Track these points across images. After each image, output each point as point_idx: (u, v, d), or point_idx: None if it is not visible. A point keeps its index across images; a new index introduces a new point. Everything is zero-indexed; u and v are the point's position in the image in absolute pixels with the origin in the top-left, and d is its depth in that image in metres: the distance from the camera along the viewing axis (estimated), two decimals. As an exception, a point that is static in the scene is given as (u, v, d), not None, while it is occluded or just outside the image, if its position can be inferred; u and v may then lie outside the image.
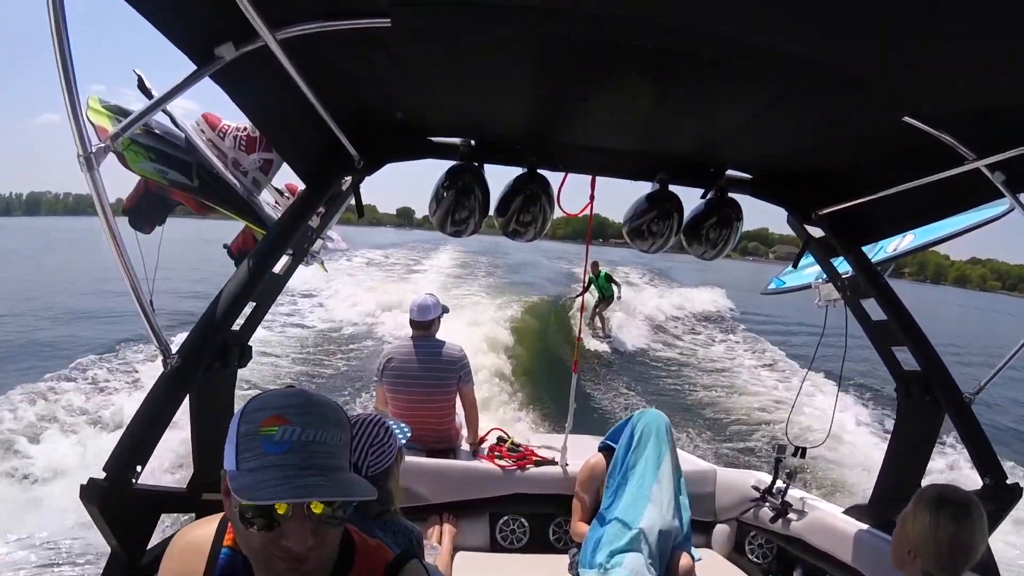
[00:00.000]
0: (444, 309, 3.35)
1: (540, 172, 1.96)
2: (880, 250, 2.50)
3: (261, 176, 2.04)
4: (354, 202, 2.09)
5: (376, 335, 10.96)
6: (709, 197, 2.05)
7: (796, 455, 2.61)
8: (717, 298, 20.06)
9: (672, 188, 2.03)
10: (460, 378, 3.18)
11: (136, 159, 1.81)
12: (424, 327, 3.22)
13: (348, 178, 1.93)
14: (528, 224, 2.01)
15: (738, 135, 1.68)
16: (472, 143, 1.92)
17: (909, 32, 1.01)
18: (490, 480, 2.78)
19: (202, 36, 1.16)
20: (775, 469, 2.67)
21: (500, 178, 2.07)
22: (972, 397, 1.97)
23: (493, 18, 1.11)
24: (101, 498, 1.28)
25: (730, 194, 2.03)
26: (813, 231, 2.19)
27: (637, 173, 2.03)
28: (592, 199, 2.23)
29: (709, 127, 1.69)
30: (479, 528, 2.76)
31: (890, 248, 2.49)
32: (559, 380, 7.65)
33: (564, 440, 2.85)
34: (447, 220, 1.97)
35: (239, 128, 1.99)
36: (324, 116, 1.49)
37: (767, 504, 2.66)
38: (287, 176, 2.06)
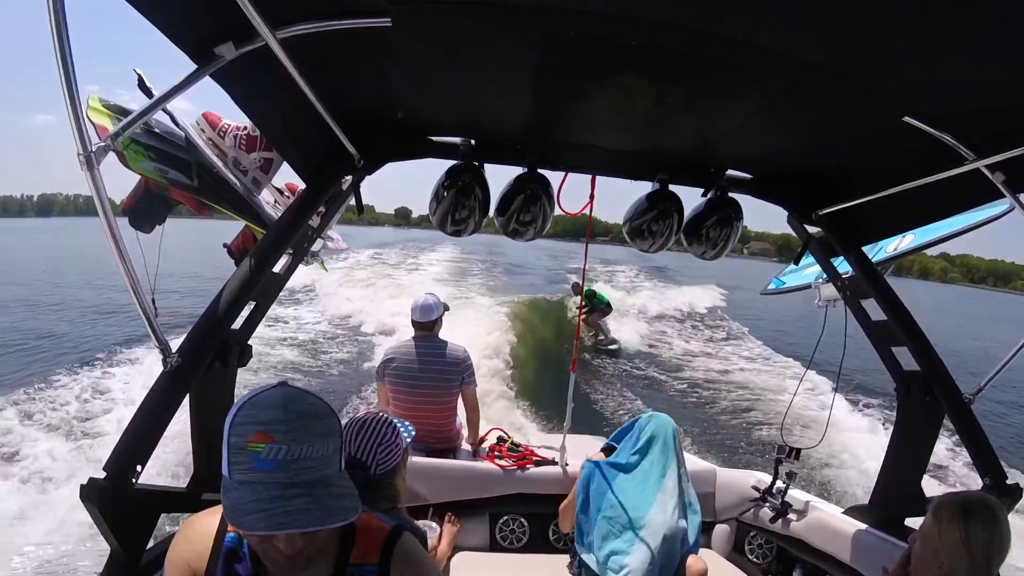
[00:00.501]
0: (444, 307, 3.35)
1: (540, 172, 1.96)
2: (880, 250, 2.50)
3: (261, 175, 2.04)
4: (354, 201, 2.09)
5: (375, 333, 10.94)
6: (709, 197, 2.05)
7: (790, 456, 2.61)
8: (715, 296, 20.07)
9: (672, 188, 2.03)
10: (463, 379, 3.18)
11: (136, 158, 1.81)
12: (427, 327, 3.21)
13: (348, 177, 1.93)
14: (528, 224, 2.01)
15: (738, 135, 1.68)
16: (472, 142, 1.92)
17: (909, 32, 1.01)
18: (490, 480, 2.78)
19: (202, 35, 1.16)
20: (775, 469, 2.67)
21: (500, 178, 2.07)
22: (972, 397, 1.97)
23: (493, 17, 1.11)
24: (101, 498, 1.28)
25: (730, 194, 2.03)
26: (813, 231, 2.20)
27: (637, 173, 2.02)
28: (592, 199, 2.23)
29: (709, 127, 1.69)
30: (479, 528, 2.76)
31: (890, 248, 2.49)
32: (558, 380, 7.64)
33: (563, 440, 2.86)
34: (447, 220, 1.97)
35: (239, 127, 1.99)
36: (324, 116, 1.49)
37: (767, 504, 2.66)
38: (287, 176, 2.05)
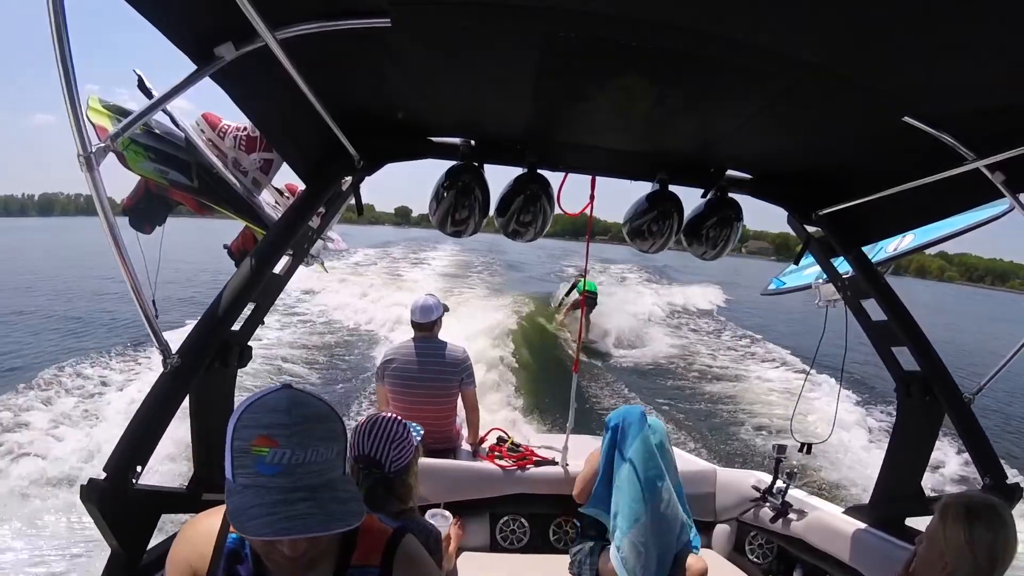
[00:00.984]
0: (444, 308, 3.35)
1: (540, 172, 1.96)
2: (880, 250, 2.50)
3: (261, 176, 2.04)
4: (354, 201, 2.09)
5: (374, 332, 10.95)
6: (709, 197, 2.05)
7: (801, 451, 2.61)
8: (715, 296, 20.05)
9: (672, 188, 2.03)
10: (462, 380, 3.18)
11: (136, 159, 1.81)
12: (426, 328, 3.21)
13: (348, 178, 1.93)
14: (528, 224, 2.00)
15: (738, 135, 1.68)
16: (472, 143, 1.92)
17: (910, 33, 1.01)
18: (490, 480, 2.78)
19: (202, 36, 1.16)
20: (775, 469, 2.68)
21: (500, 178, 2.07)
22: (972, 397, 1.97)
23: (494, 17, 1.11)
24: (101, 498, 1.28)
25: (730, 194, 2.03)
26: (813, 231, 2.19)
27: (637, 173, 2.03)
28: (592, 199, 2.23)
29: (710, 127, 1.69)
30: (479, 528, 2.76)
31: (890, 248, 2.48)
32: (560, 380, 7.64)
33: (565, 440, 2.85)
34: (447, 220, 1.97)
35: (239, 128, 1.99)
36: (324, 116, 1.48)
37: (767, 504, 2.66)
38: (287, 176, 2.05)
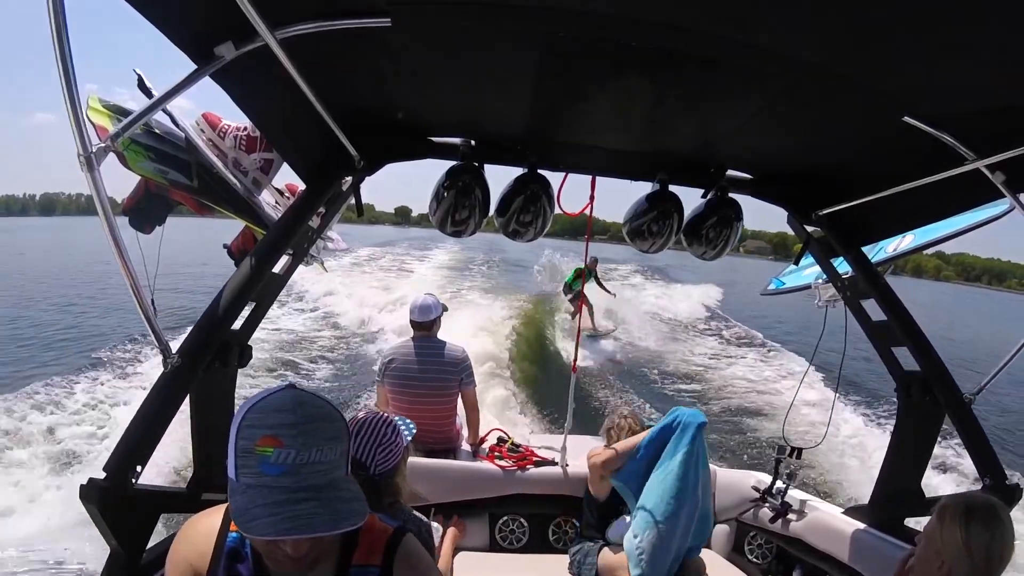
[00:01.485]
0: (443, 308, 3.35)
1: (540, 172, 1.96)
2: (880, 250, 2.50)
3: (261, 176, 2.03)
4: (354, 201, 2.09)
5: (374, 332, 10.95)
6: (709, 197, 2.05)
7: (792, 456, 2.61)
8: (713, 295, 20.05)
9: (672, 188, 2.03)
10: (462, 380, 3.18)
11: (136, 159, 1.81)
12: (425, 328, 3.21)
13: (348, 178, 1.93)
14: (528, 224, 2.01)
15: (738, 135, 1.68)
16: (472, 143, 1.92)
17: (910, 33, 1.01)
18: (490, 480, 2.78)
19: (202, 35, 1.16)
20: (775, 469, 2.67)
21: (500, 178, 2.07)
22: (972, 397, 1.97)
23: (494, 17, 1.11)
24: (101, 498, 1.28)
25: (730, 194, 2.03)
26: (813, 231, 2.19)
27: (637, 173, 2.03)
28: (592, 199, 2.23)
29: (710, 127, 1.69)
30: (479, 528, 2.76)
31: (890, 248, 2.48)
32: (559, 380, 7.64)
33: (564, 440, 2.85)
34: (447, 220, 1.97)
35: (239, 128, 1.99)
36: (324, 116, 1.49)
37: (767, 504, 2.66)
38: (287, 176, 2.05)
